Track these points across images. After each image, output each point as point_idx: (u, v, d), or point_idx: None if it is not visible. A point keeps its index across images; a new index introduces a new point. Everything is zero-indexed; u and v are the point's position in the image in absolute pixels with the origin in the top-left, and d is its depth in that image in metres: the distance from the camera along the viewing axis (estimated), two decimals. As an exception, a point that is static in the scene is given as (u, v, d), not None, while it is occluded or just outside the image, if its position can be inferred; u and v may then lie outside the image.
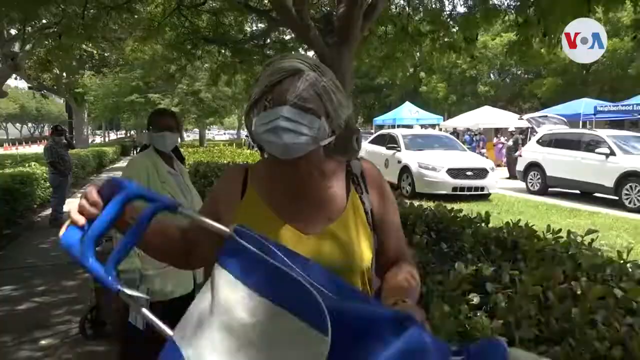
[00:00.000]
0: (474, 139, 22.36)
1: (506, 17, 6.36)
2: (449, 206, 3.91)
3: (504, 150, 18.73)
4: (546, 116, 15.92)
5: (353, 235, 1.21)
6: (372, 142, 15.02)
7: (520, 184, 13.82)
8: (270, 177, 1.26)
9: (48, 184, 9.51)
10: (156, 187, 2.61)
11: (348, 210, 1.23)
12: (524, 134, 17.92)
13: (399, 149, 12.83)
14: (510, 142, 17.08)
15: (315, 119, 1.13)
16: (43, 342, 3.87)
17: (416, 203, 3.84)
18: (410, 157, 12.01)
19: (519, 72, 35.20)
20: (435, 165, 11.52)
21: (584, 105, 17.85)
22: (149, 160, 2.74)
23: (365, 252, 1.22)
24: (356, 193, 1.27)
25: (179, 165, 2.92)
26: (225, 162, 8.75)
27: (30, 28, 9.82)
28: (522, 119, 16.93)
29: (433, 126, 26.04)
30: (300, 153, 1.15)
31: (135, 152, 31.07)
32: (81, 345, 3.73)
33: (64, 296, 4.91)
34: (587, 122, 17.91)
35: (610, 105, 17.20)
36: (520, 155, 14.01)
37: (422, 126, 24.78)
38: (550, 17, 4.54)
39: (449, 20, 7.29)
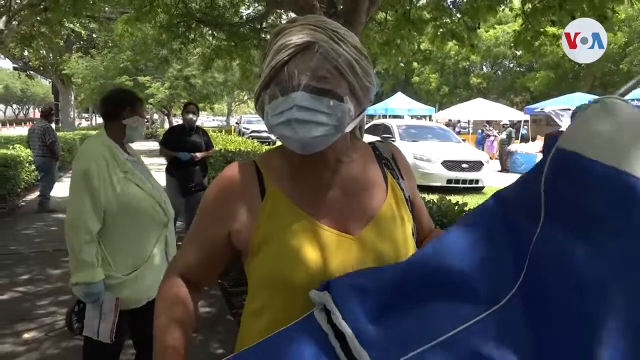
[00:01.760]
0: (487, 135, 20.27)
1: (510, 5, 6.20)
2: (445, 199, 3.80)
3: (495, 143, 18.68)
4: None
5: (400, 227, 1.04)
6: (366, 131, 14.78)
7: (513, 177, 13.73)
8: (291, 169, 1.05)
9: (33, 167, 9.18)
10: (119, 179, 2.28)
11: (389, 199, 1.06)
12: (515, 127, 17.84)
13: (393, 139, 12.67)
14: (504, 135, 17.02)
15: (336, 103, 0.91)
16: (26, 335, 3.65)
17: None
18: (405, 148, 11.86)
19: (512, 65, 35.18)
20: (431, 157, 11.43)
21: (577, 99, 17.82)
22: (105, 149, 2.34)
23: (413, 245, 1.07)
24: (393, 179, 1.10)
25: (133, 150, 2.58)
26: (217, 148, 8.55)
27: (16, 5, 9.46)
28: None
29: (424, 117, 25.94)
30: (322, 147, 0.95)
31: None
32: (67, 340, 3.51)
33: (49, 286, 4.68)
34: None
35: (603, 100, 17.19)
36: (515, 150, 13.89)
37: (414, 117, 24.64)
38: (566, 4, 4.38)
39: (451, 7, 7.10)
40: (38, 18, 8.44)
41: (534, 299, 0.79)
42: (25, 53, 20.49)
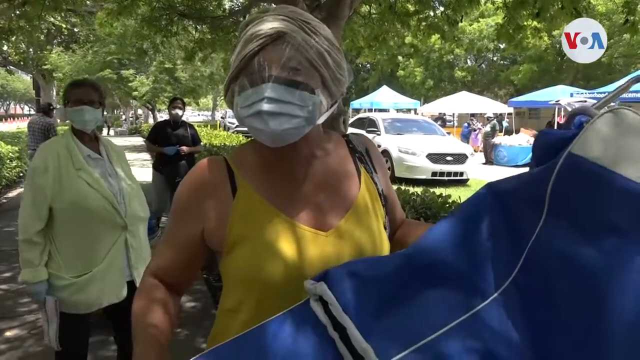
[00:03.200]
0: (473, 129, 20.22)
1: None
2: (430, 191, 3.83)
3: (479, 136, 18.81)
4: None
5: (373, 221, 1.04)
6: (351, 125, 14.88)
7: (497, 170, 13.85)
8: (263, 164, 1.02)
9: (14, 163, 9.04)
10: (69, 176, 2.20)
11: (363, 193, 1.05)
12: (498, 120, 17.97)
13: (378, 132, 12.72)
14: (488, 128, 17.15)
15: (307, 95, 0.90)
16: (8, 333, 3.62)
17: (395, 187, 3.74)
18: (390, 142, 11.93)
19: (495, 58, 35.40)
20: (415, 150, 11.49)
21: (560, 92, 18.00)
22: (62, 144, 2.27)
23: (386, 239, 1.06)
24: (367, 173, 1.08)
25: (110, 147, 2.44)
26: (202, 143, 8.49)
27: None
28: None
29: (409, 110, 26.02)
30: (294, 139, 0.93)
31: (108, 131, 30.60)
32: (50, 337, 3.49)
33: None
34: (562, 108, 18.04)
35: (585, 93, 17.37)
36: (499, 143, 13.96)
37: (399, 110, 24.70)
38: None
39: (434, 0, 7.13)
40: (17, 12, 8.25)
41: (530, 292, 0.80)
42: (5, 48, 20.13)
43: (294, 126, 0.90)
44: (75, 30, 19.82)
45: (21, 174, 10.04)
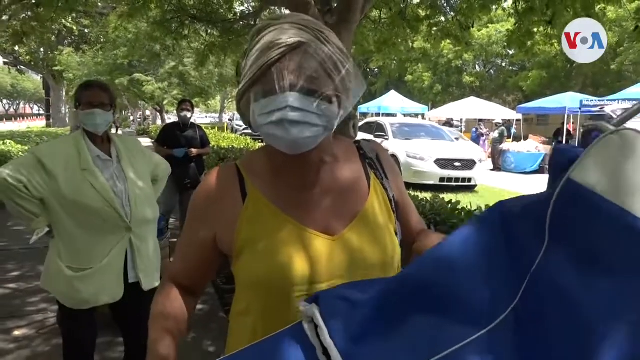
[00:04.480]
0: (480, 134, 20.18)
1: (504, 4, 6.21)
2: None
3: (486, 142, 18.73)
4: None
5: (383, 227, 1.05)
6: (359, 129, 14.86)
7: (505, 176, 13.80)
8: (272, 170, 1.04)
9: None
10: (75, 175, 2.21)
11: (372, 199, 1.06)
12: (506, 126, 17.92)
13: (386, 137, 12.70)
14: (496, 134, 17.09)
15: (325, 105, 0.91)
16: (16, 332, 3.62)
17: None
18: (398, 146, 11.90)
19: (504, 64, 35.29)
20: (424, 155, 11.47)
21: (569, 99, 17.92)
22: (72, 144, 2.30)
23: (397, 245, 1.07)
24: (377, 179, 1.09)
25: (123, 148, 2.43)
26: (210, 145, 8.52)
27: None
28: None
29: (417, 115, 25.97)
30: (310, 147, 0.94)
31: (117, 131, 30.78)
32: (58, 337, 3.47)
33: (40, 283, 4.64)
34: (572, 115, 17.96)
35: (596, 100, 17.27)
36: (507, 149, 13.91)
37: (407, 115, 24.64)
38: (558, 4, 4.39)
39: (445, 6, 7.12)
40: (29, 13, 8.32)
41: (526, 325, 0.77)
42: (16, 48, 20.32)
43: (313, 134, 0.92)
44: (86, 31, 19.95)
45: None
